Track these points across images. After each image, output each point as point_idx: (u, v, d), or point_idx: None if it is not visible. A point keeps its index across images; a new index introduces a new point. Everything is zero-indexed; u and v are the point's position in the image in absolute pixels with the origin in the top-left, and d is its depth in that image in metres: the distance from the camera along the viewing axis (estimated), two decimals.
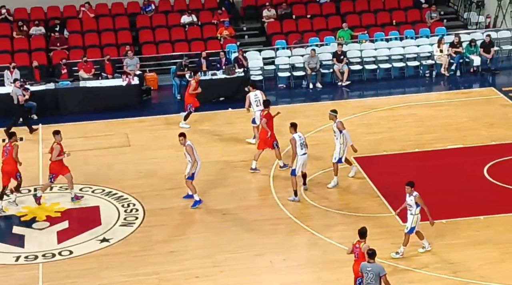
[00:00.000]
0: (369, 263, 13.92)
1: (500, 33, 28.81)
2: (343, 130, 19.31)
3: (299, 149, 18.79)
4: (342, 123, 19.45)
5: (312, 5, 30.54)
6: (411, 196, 16.16)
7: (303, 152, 18.87)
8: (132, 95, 25.53)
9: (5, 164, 18.85)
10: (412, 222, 16.21)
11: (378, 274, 13.81)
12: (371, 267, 13.87)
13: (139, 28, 29.56)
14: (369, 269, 13.87)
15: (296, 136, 18.88)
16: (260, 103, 21.42)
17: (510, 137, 21.95)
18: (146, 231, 17.99)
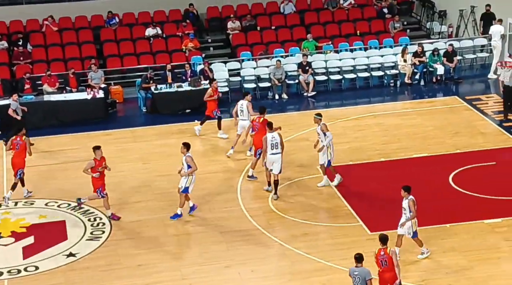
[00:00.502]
0: (356, 267, 14.03)
1: (463, 42, 29.14)
2: (327, 132, 19.56)
3: (269, 148, 19.22)
4: (326, 125, 19.70)
5: (277, 17, 30.66)
6: (406, 200, 16.34)
7: (273, 152, 19.23)
8: (97, 108, 25.38)
9: (15, 157, 19.69)
10: (412, 226, 16.33)
11: (364, 278, 13.91)
12: (358, 271, 13.98)
13: (103, 41, 29.43)
14: (356, 273, 13.99)
15: (269, 135, 19.28)
16: (244, 113, 21.71)
17: (475, 145, 22.18)
18: (113, 245, 17.85)
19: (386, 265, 14.47)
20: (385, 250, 14.52)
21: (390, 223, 18.29)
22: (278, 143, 19.31)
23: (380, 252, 14.53)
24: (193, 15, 30.45)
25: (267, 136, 19.39)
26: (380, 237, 14.67)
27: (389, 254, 14.49)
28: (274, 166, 19.46)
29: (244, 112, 21.84)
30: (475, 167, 20.75)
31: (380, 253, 14.51)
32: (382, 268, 14.51)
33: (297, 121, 24.62)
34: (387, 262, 14.45)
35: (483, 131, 23.19)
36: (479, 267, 16.37)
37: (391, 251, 14.58)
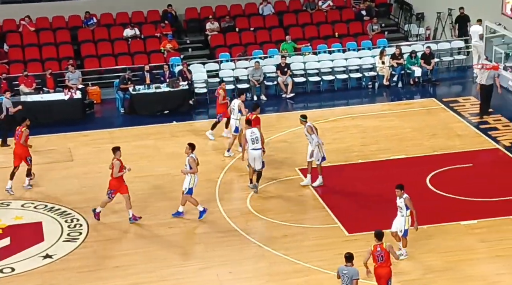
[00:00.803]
0: (346, 266, 14.16)
1: (440, 44, 29.30)
2: (312, 134, 19.75)
3: (249, 143, 19.44)
4: (312, 128, 19.81)
5: (255, 18, 30.66)
6: (401, 199, 16.51)
7: (253, 147, 19.38)
8: (74, 109, 25.24)
9: (16, 147, 20.37)
10: (405, 225, 16.52)
11: (351, 277, 14.05)
12: (347, 270, 14.13)
13: (81, 42, 29.28)
14: (345, 272, 14.14)
15: (248, 131, 19.52)
16: (235, 112, 21.75)
17: (452, 147, 22.31)
18: (90, 246, 17.77)
19: (382, 260, 14.69)
20: (381, 246, 14.75)
21: (368, 224, 18.39)
22: (258, 138, 19.46)
23: (376, 248, 14.75)
24: (172, 16, 30.38)
25: (246, 132, 19.56)
26: (375, 233, 14.90)
27: (386, 249, 14.70)
28: (256, 163, 19.52)
29: (235, 111, 21.80)
30: (452, 169, 20.88)
31: (376, 249, 14.74)
32: (378, 263, 14.73)
33: (276, 122, 24.64)
34: (383, 257, 14.68)
35: (460, 133, 23.33)
36: (456, 269, 16.47)
37: (387, 245, 14.77)
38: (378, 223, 18.26)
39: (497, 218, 18.27)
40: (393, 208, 19.02)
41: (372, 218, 18.82)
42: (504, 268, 16.40)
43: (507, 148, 22.16)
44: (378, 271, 14.78)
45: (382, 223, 18.22)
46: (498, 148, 22.27)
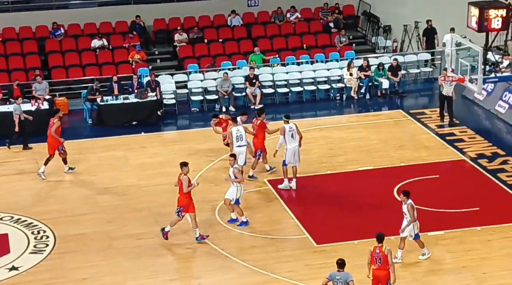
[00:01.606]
0: (338, 272, 14.28)
1: (407, 57, 29.56)
2: (281, 135, 20.43)
3: (234, 141, 20.27)
4: (283, 130, 20.38)
5: (224, 29, 30.72)
6: (405, 205, 16.77)
7: (238, 144, 20.27)
8: (41, 120, 24.98)
9: (49, 137, 21.41)
10: (414, 229, 16.76)
11: (346, 281, 14.19)
12: (340, 276, 14.26)
13: (48, 52, 29.10)
14: (338, 278, 14.26)
15: (233, 129, 20.39)
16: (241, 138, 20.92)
17: (419, 158, 22.50)
18: (57, 258, 17.62)
19: (380, 263, 14.89)
20: (381, 248, 14.96)
21: (336, 235, 18.47)
22: (242, 135, 20.28)
23: (375, 249, 14.96)
24: (140, 27, 30.32)
25: (232, 130, 20.34)
26: (376, 236, 15.15)
27: (384, 252, 14.89)
28: (240, 158, 20.08)
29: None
30: (419, 180, 21.04)
31: (375, 251, 14.94)
32: (376, 265, 14.93)
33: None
34: (381, 259, 14.88)
35: (426, 144, 23.53)
36: (423, 279, 16.58)
37: (387, 249, 14.98)
38: (346, 233, 18.42)
39: (464, 229, 18.43)
40: (360, 219, 19.18)
41: (340, 229, 18.89)
42: (471, 279, 16.54)
43: (473, 159, 22.39)
44: (376, 273, 15.04)
45: (351, 233, 18.38)
46: (464, 159, 22.50)
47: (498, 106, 25.84)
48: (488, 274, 16.69)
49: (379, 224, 18.70)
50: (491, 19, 19.44)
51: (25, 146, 23.54)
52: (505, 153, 22.71)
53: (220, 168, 21.98)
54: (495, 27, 19.56)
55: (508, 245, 17.73)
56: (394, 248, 17.55)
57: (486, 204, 19.63)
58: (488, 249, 17.67)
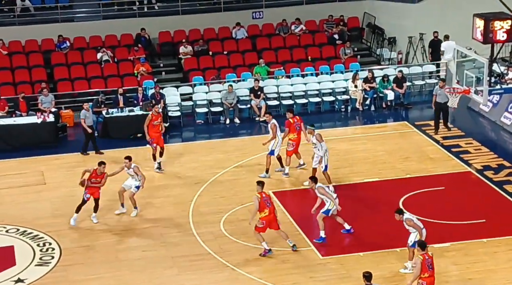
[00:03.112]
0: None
1: (412, 68, 29.58)
2: (321, 142, 20.73)
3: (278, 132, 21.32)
4: (321, 135, 20.84)
5: (229, 42, 30.79)
6: (404, 223, 16.90)
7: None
8: (47, 132, 25.11)
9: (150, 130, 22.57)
10: (416, 237, 16.78)
11: None
12: None
13: (54, 65, 29.19)
14: None
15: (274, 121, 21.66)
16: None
17: (424, 170, 22.46)
18: (62, 271, 17.61)
19: (431, 269, 15.06)
20: (428, 254, 15.09)
21: (341, 247, 18.43)
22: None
23: (425, 257, 15.00)
24: (145, 40, 30.41)
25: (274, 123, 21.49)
26: (419, 244, 15.32)
27: (432, 256, 15.14)
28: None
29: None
30: (425, 191, 21.00)
31: (425, 258, 14.99)
32: (429, 272, 15.02)
33: (249, 145, 24.68)
34: (432, 265, 15.05)
35: (432, 156, 23.50)
36: None
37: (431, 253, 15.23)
38: (352, 246, 18.37)
39: (469, 241, 18.37)
40: (366, 231, 19.13)
41: (346, 241, 18.85)
42: None
43: (479, 171, 22.35)
44: (430, 280, 15.08)
45: (356, 246, 18.33)
46: (470, 171, 22.46)
47: (504, 117, 25.81)
48: None
49: (385, 236, 18.71)
50: (496, 30, 19.46)
51: (97, 151, 24.11)
52: (511, 164, 22.66)
53: (225, 181, 21.99)
54: (500, 38, 19.57)
55: None
56: (400, 260, 17.55)
57: (492, 216, 19.58)
58: (495, 261, 17.60)
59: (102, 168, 19.46)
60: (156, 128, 22.48)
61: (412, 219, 16.89)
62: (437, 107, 24.94)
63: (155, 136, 22.44)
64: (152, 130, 22.46)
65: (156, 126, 22.49)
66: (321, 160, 20.92)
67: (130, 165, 19.79)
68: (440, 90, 24.52)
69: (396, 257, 17.75)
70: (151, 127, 22.47)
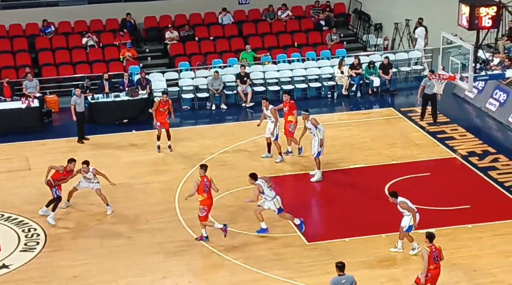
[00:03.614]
0: (340, 276, 14.20)
1: (398, 55, 29.59)
2: (318, 125, 20.60)
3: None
4: (316, 119, 20.70)
5: (215, 27, 30.68)
6: (397, 205, 16.98)
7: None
8: (32, 117, 24.98)
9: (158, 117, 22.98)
10: (410, 221, 16.96)
11: (352, 283, 14.20)
12: (346, 279, 14.20)
13: (39, 50, 29.00)
14: (344, 282, 14.18)
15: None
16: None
17: (410, 156, 22.52)
18: (48, 256, 17.57)
19: (438, 261, 15.15)
20: (435, 246, 15.15)
21: (327, 233, 18.49)
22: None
23: (432, 250, 15.07)
24: (131, 25, 30.25)
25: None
26: (427, 235, 15.22)
27: (439, 248, 15.18)
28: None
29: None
30: (410, 177, 21.07)
31: (432, 251, 15.06)
32: (435, 264, 15.10)
33: (236, 131, 24.66)
34: (438, 257, 15.12)
35: (417, 142, 23.57)
36: (414, 276, 16.51)
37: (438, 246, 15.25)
38: (338, 231, 18.43)
39: (454, 227, 18.46)
40: (351, 216, 19.20)
41: (332, 227, 18.91)
42: (462, 276, 16.58)
43: (464, 157, 22.44)
44: (436, 271, 15.18)
45: (342, 231, 18.39)
46: (455, 157, 22.55)
47: (489, 104, 25.91)
48: (479, 272, 16.73)
49: (371, 222, 18.77)
50: (481, 17, 19.46)
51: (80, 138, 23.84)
52: (496, 150, 22.77)
53: (210, 166, 21.93)
54: (485, 25, 19.59)
55: (499, 243, 17.78)
56: (385, 246, 17.62)
57: (477, 202, 19.69)
58: (479, 246, 17.71)
59: (72, 166, 18.93)
60: (162, 114, 22.95)
61: (406, 202, 17.00)
62: (425, 98, 24.79)
63: (162, 121, 22.99)
64: (158, 115, 22.93)
65: (162, 112, 22.94)
66: (322, 143, 20.74)
67: (88, 170, 19.22)
68: (429, 82, 24.24)
69: (382, 243, 17.81)
70: (158, 113, 22.94)
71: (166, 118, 23.04)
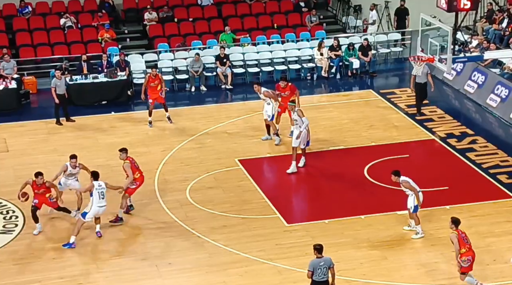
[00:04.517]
0: (318, 258, 14.24)
1: (377, 37, 29.63)
2: (303, 117, 20.20)
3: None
4: (301, 111, 20.36)
5: (194, 8, 30.52)
6: (401, 184, 17.12)
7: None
8: (9, 99, 24.79)
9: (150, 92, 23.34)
10: (414, 201, 17.03)
11: (329, 266, 14.27)
12: (324, 261, 14.24)
13: (16, 31, 28.73)
14: (322, 264, 14.22)
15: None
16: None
17: (388, 138, 22.61)
18: (26, 238, 17.51)
19: (468, 242, 15.19)
20: (461, 230, 15.20)
21: (307, 215, 18.57)
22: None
23: (459, 233, 15.14)
24: (109, 6, 30.03)
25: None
26: (453, 220, 15.28)
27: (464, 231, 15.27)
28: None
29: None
30: (389, 159, 21.17)
31: (460, 234, 15.13)
32: (467, 245, 15.15)
33: (215, 113, 24.63)
34: (466, 239, 15.17)
35: (396, 124, 23.66)
36: (393, 257, 16.72)
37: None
38: (317, 213, 18.51)
39: (433, 208, 18.58)
40: (331, 198, 19.28)
41: (311, 208, 18.98)
42: (440, 256, 16.71)
43: (443, 139, 22.56)
44: (472, 253, 15.21)
45: (321, 213, 18.47)
46: (434, 139, 22.66)
47: (467, 86, 26.03)
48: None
49: (350, 203, 18.87)
50: None
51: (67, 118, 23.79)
52: (474, 132, 22.91)
53: (190, 148, 21.95)
54: (464, 7, 19.63)
55: (477, 224, 17.93)
56: (364, 227, 17.71)
57: (455, 183, 19.82)
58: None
59: (40, 180, 17.67)
60: (154, 88, 23.26)
61: (409, 181, 17.10)
62: (417, 88, 24.05)
63: (154, 96, 23.27)
64: (150, 90, 23.29)
65: (154, 87, 23.23)
66: (299, 136, 20.22)
67: (75, 163, 18.30)
68: (422, 64, 23.31)
69: (361, 224, 17.91)
70: (150, 88, 23.29)
71: (160, 93, 23.22)
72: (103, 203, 17.29)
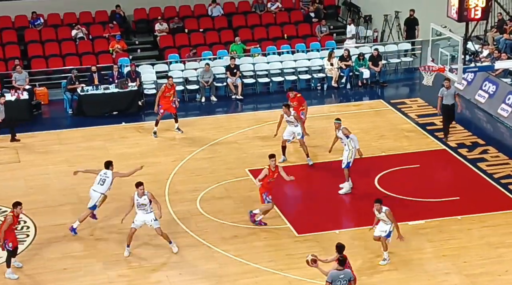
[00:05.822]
0: (339, 270, 14.12)
1: (387, 47, 29.62)
2: (350, 134, 19.79)
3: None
4: (347, 129, 19.94)
5: (204, 19, 30.63)
6: (381, 213, 16.46)
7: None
8: (21, 110, 24.91)
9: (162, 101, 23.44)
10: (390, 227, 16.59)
11: (349, 279, 14.13)
12: (344, 274, 14.12)
13: (28, 42, 28.90)
14: (342, 276, 14.09)
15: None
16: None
17: (399, 148, 22.58)
18: (38, 249, 17.56)
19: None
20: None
21: (317, 225, 18.53)
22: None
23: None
24: (120, 17, 30.18)
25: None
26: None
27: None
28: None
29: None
30: (400, 169, 21.12)
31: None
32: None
33: (225, 123, 24.67)
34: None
35: (407, 134, 23.62)
36: (403, 268, 16.67)
37: None
38: (328, 223, 18.48)
39: (444, 218, 18.53)
40: (341, 208, 19.25)
41: (322, 218, 18.95)
42: (451, 268, 16.66)
43: (453, 148, 22.51)
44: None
45: (332, 223, 18.45)
46: (444, 148, 22.61)
47: (478, 95, 25.98)
48: (468, 263, 16.81)
49: (360, 213, 18.82)
50: (470, 8, 19.49)
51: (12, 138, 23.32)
52: (485, 142, 22.86)
53: (200, 159, 21.98)
54: (474, 16, 19.62)
55: (488, 234, 17.86)
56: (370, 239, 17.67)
57: (466, 193, 19.77)
58: (468, 238, 17.79)
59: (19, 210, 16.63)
60: (167, 98, 23.47)
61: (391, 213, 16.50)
62: (445, 110, 23.07)
63: (166, 105, 23.47)
64: (163, 100, 23.46)
65: (167, 97, 23.46)
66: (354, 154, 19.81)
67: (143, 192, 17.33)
68: (446, 91, 22.87)
69: (371, 235, 17.82)
70: (163, 98, 23.48)
71: (172, 103, 23.41)
72: (98, 188, 18.04)
